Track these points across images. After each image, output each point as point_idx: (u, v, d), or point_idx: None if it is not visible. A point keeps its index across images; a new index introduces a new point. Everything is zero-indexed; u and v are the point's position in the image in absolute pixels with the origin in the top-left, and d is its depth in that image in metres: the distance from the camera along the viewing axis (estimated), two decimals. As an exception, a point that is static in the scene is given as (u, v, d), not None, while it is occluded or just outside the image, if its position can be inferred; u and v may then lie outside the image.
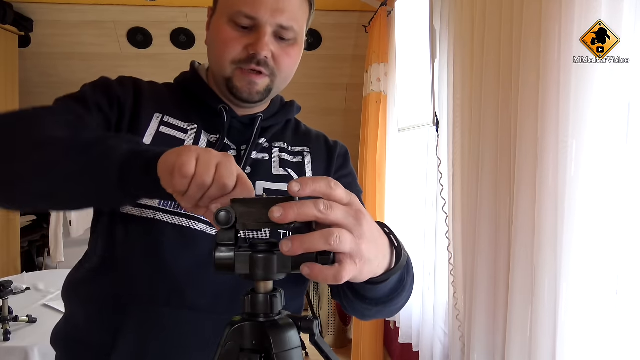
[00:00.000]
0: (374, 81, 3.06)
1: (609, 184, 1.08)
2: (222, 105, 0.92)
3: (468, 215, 1.69)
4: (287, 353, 0.49)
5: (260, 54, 0.84)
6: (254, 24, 0.84)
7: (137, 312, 0.80)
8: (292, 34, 0.87)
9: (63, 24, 3.58)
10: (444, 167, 2.00)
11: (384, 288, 0.69)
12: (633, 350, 1.06)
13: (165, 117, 0.89)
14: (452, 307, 1.87)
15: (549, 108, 1.19)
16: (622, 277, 1.09)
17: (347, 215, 0.50)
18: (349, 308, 0.85)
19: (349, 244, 0.49)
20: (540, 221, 1.21)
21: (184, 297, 0.80)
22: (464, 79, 1.76)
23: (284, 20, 0.85)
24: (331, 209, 0.49)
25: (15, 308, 2.05)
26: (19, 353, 1.85)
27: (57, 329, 0.91)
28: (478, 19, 1.62)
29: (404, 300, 0.77)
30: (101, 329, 0.82)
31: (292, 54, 0.90)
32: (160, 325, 0.80)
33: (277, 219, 0.47)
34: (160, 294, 0.80)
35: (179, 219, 0.83)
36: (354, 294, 0.75)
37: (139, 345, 0.80)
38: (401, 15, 2.61)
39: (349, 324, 3.96)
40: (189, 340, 0.81)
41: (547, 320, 1.20)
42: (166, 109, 0.91)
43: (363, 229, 0.51)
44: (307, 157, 1.00)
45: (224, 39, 0.86)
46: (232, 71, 0.87)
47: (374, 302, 0.74)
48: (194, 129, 0.91)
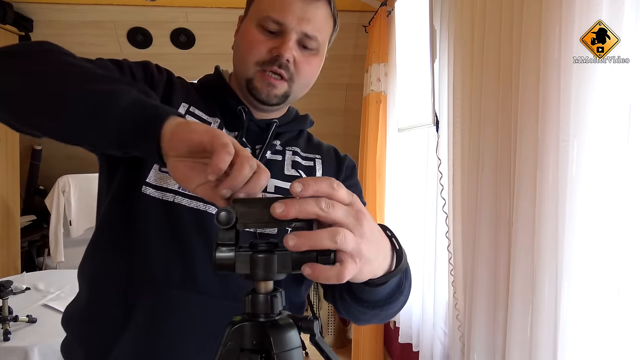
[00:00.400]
0: (374, 81, 3.06)
1: (610, 183, 1.07)
2: (242, 107, 0.96)
3: (468, 215, 1.69)
4: (288, 353, 0.49)
5: (283, 57, 0.89)
6: (281, 29, 0.90)
7: (150, 291, 0.82)
8: (315, 44, 0.93)
9: (63, 24, 3.57)
10: (444, 167, 2.00)
11: (382, 291, 0.69)
12: (635, 351, 1.06)
13: (191, 108, 0.93)
14: (452, 307, 1.87)
15: (549, 108, 1.19)
16: (624, 277, 1.08)
17: (348, 214, 0.51)
18: (343, 311, 0.86)
19: (351, 243, 0.49)
20: (541, 221, 1.21)
21: (196, 281, 0.83)
22: (464, 79, 1.76)
23: (309, 29, 0.90)
24: (333, 208, 0.49)
25: (15, 308, 2.05)
26: (19, 353, 1.85)
27: (69, 308, 0.93)
28: (478, 18, 1.62)
29: (400, 305, 0.78)
30: (114, 307, 0.83)
31: (313, 63, 0.95)
32: (170, 306, 0.82)
33: (279, 215, 0.47)
34: (173, 275, 0.82)
35: (197, 203, 0.86)
36: (351, 296, 0.76)
37: (149, 325, 0.81)
38: (401, 15, 2.61)
39: (349, 324, 3.96)
40: (197, 323, 0.83)
41: (548, 320, 1.20)
42: (192, 100, 0.95)
43: (364, 228, 0.51)
44: (319, 163, 1.04)
45: (250, 40, 0.91)
46: (254, 72, 0.91)
47: (370, 306, 0.75)
48: (216, 123, 0.94)
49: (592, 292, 1.11)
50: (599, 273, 1.09)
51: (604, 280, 1.09)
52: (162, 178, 0.85)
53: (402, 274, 0.70)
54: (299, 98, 0.99)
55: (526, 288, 1.29)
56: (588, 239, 1.11)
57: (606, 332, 1.09)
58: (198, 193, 0.57)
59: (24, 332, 1.98)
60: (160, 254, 0.83)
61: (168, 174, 0.81)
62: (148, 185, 0.84)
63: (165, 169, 0.78)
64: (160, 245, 0.84)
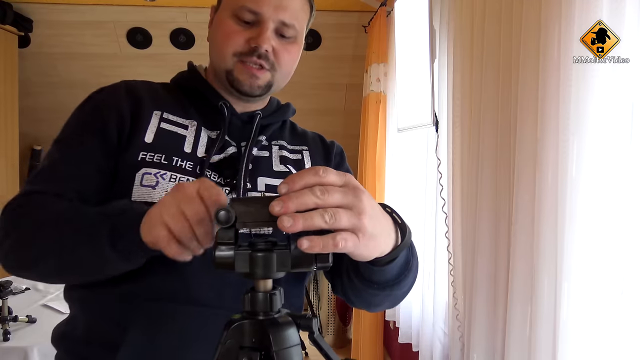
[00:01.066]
0: (374, 81, 3.06)
1: (611, 183, 1.07)
2: (223, 102, 0.94)
3: (468, 215, 1.69)
4: (287, 351, 0.49)
5: (262, 47, 0.87)
6: (257, 19, 0.88)
7: (144, 307, 0.81)
8: (293, 32, 0.91)
9: (63, 24, 3.57)
10: (444, 167, 2.00)
11: (392, 270, 0.69)
12: (636, 351, 1.06)
13: (164, 114, 0.91)
14: (452, 307, 1.87)
15: (549, 107, 1.19)
16: (627, 277, 1.08)
17: (346, 194, 0.51)
18: (354, 298, 0.86)
19: (347, 220, 0.50)
20: (540, 221, 1.21)
21: (190, 293, 0.82)
22: (463, 79, 1.76)
23: (286, 18, 0.88)
24: (328, 193, 0.50)
25: (15, 308, 2.05)
26: (19, 353, 1.85)
27: (59, 328, 0.91)
28: (478, 18, 1.62)
29: (410, 284, 0.78)
30: (108, 325, 0.82)
31: (292, 51, 0.93)
32: (166, 320, 0.81)
33: (278, 212, 0.48)
34: (166, 289, 0.81)
35: None
36: (360, 280, 0.76)
37: (146, 341, 0.80)
38: (401, 15, 2.61)
39: (348, 324, 3.96)
40: (195, 335, 0.82)
41: (547, 320, 1.20)
42: (164, 105, 0.92)
43: (363, 204, 0.52)
44: (306, 155, 1.02)
45: (226, 32, 0.89)
46: (233, 63, 0.90)
47: (381, 286, 0.74)
48: (194, 125, 0.92)
49: (592, 292, 1.10)
50: (600, 273, 1.09)
51: (605, 280, 1.09)
52: (145, 193, 0.82)
53: (408, 250, 0.71)
54: (282, 88, 0.98)
55: (526, 288, 1.29)
56: (588, 239, 1.11)
57: (606, 332, 1.09)
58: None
59: (24, 332, 1.98)
60: (150, 269, 0.81)
61: (152, 187, 0.81)
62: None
63: (146, 183, 0.81)
64: (151, 261, 0.81)
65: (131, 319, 0.80)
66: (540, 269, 1.22)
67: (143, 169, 0.83)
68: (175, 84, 1.01)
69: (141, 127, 0.87)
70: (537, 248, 1.23)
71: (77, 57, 3.79)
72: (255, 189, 0.91)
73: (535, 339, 1.23)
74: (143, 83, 0.97)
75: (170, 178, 0.83)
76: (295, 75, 0.98)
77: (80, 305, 0.87)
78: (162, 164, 0.84)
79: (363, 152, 3.24)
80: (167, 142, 0.87)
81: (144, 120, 0.88)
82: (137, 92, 0.92)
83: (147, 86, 0.96)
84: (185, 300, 0.81)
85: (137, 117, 0.89)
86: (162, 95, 0.95)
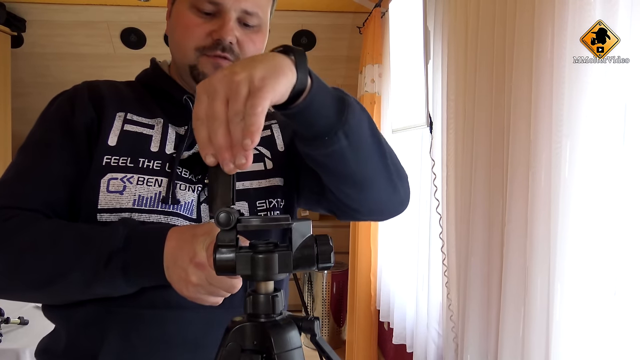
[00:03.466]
0: (368, 82, 3.06)
1: (604, 184, 1.08)
2: (187, 96, 0.90)
3: (461, 216, 1.70)
4: (288, 353, 0.49)
5: (225, 40, 0.83)
6: (218, 9, 0.84)
7: (121, 315, 0.79)
8: (257, 20, 0.87)
9: (56, 24, 3.55)
10: (438, 168, 2.00)
11: (317, 114, 0.68)
12: (632, 352, 1.06)
13: (128, 115, 0.87)
14: (446, 308, 1.88)
15: (542, 109, 1.20)
16: (620, 278, 1.08)
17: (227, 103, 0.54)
18: (340, 212, 0.89)
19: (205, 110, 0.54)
20: (533, 222, 1.22)
21: (168, 298, 0.79)
22: (457, 80, 1.76)
23: (248, 6, 0.84)
24: (212, 124, 0.53)
25: (7, 310, 2.03)
26: (11, 355, 1.83)
27: (43, 342, 0.90)
28: (472, 20, 1.63)
29: (382, 171, 0.81)
30: (87, 336, 0.80)
31: (257, 40, 0.89)
32: (145, 326, 0.79)
33: (212, 162, 0.52)
34: (143, 296, 0.79)
35: (157, 216, 0.82)
36: (328, 180, 0.79)
37: (125, 348, 0.79)
38: (395, 17, 2.62)
39: (342, 325, 3.96)
40: (175, 339, 0.80)
41: (540, 320, 1.20)
42: (128, 106, 0.89)
43: (235, 68, 0.56)
44: (276, 128, 0.99)
45: (186, 25, 0.85)
46: (196, 58, 0.86)
47: (343, 176, 0.77)
48: (160, 124, 0.88)
49: (585, 292, 1.11)
50: (592, 274, 1.10)
51: (598, 281, 1.09)
52: (113, 199, 0.79)
53: (341, 104, 0.70)
54: None
55: (519, 289, 1.30)
56: (581, 240, 1.12)
57: (599, 332, 1.10)
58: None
59: (16, 334, 1.96)
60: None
61: (119, 193, 0.79)
62: (101, 211, 0.79)
63: (113, 189, 0.80)
64: None
65: (109, 327, 0.79)
66: (533, 269, 1.22)
67: (108, 174, 0.80)
68: (139, 82, 0.97)
69: (104, 130, 0.84)
70: (530, 249, 1.24)
71: (71, 57, 3.77)
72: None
73: (528, 340, 1.24)
74: (106, 83, 0.93)
75: (138, 180, 0.81)
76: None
77: (60, 320, 0.85)
78: (128, 166, 0.81)
79: (357, 153, 3.23)
80: (132, 143, 0.84)
81: (107, 123, 0.85)
82: (99, 93, 0.89)
83: (110, 86, 0.92)
84: (164, 305, 0.79)
85: (100, 122, 0.85)
86: (126, 95, 0.91)
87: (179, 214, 0.83)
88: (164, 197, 0.82)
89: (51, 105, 0.90)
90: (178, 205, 0.82)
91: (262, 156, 0.93)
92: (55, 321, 0.86)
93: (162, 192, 0.82)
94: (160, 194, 0.82)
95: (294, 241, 0.50)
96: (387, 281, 2.91)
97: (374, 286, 3.08)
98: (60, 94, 0.92)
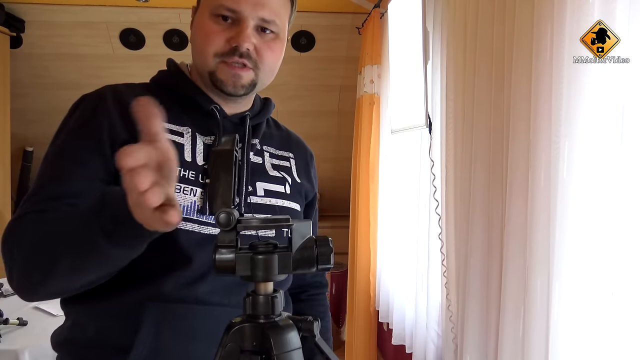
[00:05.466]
0: (367, 83, 3.07)
1: (602, 184, 1.08)
2: (214, 105, 0.92)
3: (461, 217, 1.70)
4: (288, 354, 0.49)
5: (243, 46, 0.86)
6: (236, 17, 0.86)
7: (154, 309, 0.81)
8: (275, 28, 0.90)
9: (55, 24, 3.55)
10: (437, 169, 2.00)
11: None
12: (630, 352, 1.06)
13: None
14: (445, 309, 1.87)
15: (541, 109, 1.20)
16: (618, 278, 1.08)
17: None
18: None
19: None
20: (533, 222, 1.22)
21: (197, 294, 0.83)
22: (456, 81, 1.76)
23: (266, 14, 0.87)
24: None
25: (6, 311, 2.02)
26: (10, 356, 1.83)
27: (62, 334, 0.89)
28: (471, 20, 1.63)
29: None
30: (119, 329, 0.82)
31: (275, 48, 0.91)
32: (176, 319, 0.82)
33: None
34: (174, 291, 0.82)
35: (192, 225, 0.85)
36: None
37: (156, 341, 0.81)
38: (394, 17, 2.62)
39: (342, 326, 3.95)
40: (203, 333, 0.83)
41: (540, 321, 1.20)
42: None
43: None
44: (292, 163, 1.05)
45: (206, 32, 0.88)
46: (215, 64, 0.88)
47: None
48: (188, 133, 0.90)
49: (584, 292, 1.11)
50: (591, 274, 1.10)
51: (597, 282, 1.09)
52: None
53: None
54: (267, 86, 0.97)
55: (518, 289, 1.30)
56: (579, 240, 1.12)
57: (598, 332, 1.10)
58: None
59: (15, 335, 1.96)
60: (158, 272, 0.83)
61: None
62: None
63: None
64: (158, 264, 0.83)
65: (141, 321, 0.81)
66: (532, 270, 1.22)
67: None
68: (158, 85, 0.97)
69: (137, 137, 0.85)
70: (529, 249, 1.23)
71: (70, 57, 3.76)
72: (255, 194, 0.92)
73: (528, 340, 1.24)
74: (126, 87, 0.93)
75: (175, 189, 0.82)
76: (289, 76, 0.99)
77: (86, 312, 0.86)
78: None
79: (357, 154, 3.24)
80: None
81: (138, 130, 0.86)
82: (124, 99, 0.88)
83: (132, 91, 0.92)
84: (194, 300, 0.83)
85: (130, 125, 0.85)
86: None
87: (209, 223, 0.86)
88: (201, 208, 0.85)
89: (75, 110, 0.89)
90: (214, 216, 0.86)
91: (284, 180, 0.99)
92: (81, 313, 0.87)
93: (198, 202, 0.85)
94: (196, 203, 0.85)
95: (294, 242, 0.50)
96: (387, 282, 2.91)
97: (374, 287, 3.08)
98: (82, 97, 0.91)
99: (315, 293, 1.15)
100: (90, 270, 0.72)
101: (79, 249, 0.69)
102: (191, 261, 0.83)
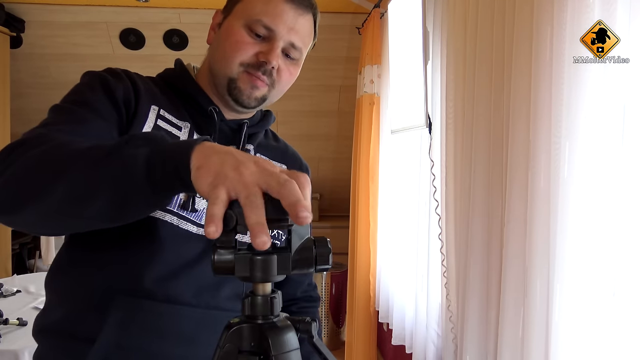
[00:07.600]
0: (367, 83, 3.07)
1: (603, 185, 1.08)
2: (213, 107, 0.94)
3: (461, 217, 1.70)
4: (286, 355, 0.49)
5: (270, 63, 0.89)
6: (270, 35, 0.90)
7: (123, 303, 0.81)
8: (298, 54, 0.95)
9: (55, 24, 3.55)
10: (437, 169, 2.00)
11: None
12: (631, 352, 1.06)
13: (161, 111, 0.90)
14: (445, 309, 1.87)
15: (541, 109, 1.20)
16: (620, 278, 1.08)
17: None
18: None
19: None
20: (533, 223, 1.22)
21: (167, 291, 0.83)
22: (456, 81, 1.76)
23: (296, 40, 0.92)
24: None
25: (6, 311, 2.03)
26: (9, 356, 1.83)
27: (40, 320, 0.89)
28: (471, 20, 1.63)
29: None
30: (86, 318, 0.82)
31: (293, 72, 0.97)
32: (143, 316, 0.81)
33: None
34: (145, 286, 0.81)
35: (171, 217, 0.85)
36: None
37: (122, 336, 0.80)
38: (394, 17, 2.62)
39: (342, 326, 3.96)
40: (170, 333, 0.83)
41: (539, 322, 1.20)
42: (160, 102, 0.91)
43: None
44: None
45: (236, 40, 0.90)
46: (238, 73, 0.91)
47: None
48: (187, 127, 0.92)
49: (584, 293, 1.11)
50: (591, 275, 1.10)
51: (597, 282, 1.09)
52: None
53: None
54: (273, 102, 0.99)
55: (518, 289, 1.30)
56: (580, 241, 1.12)
57: (598, 333, 1.10)
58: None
59: (15, 335, 1.96)
60: (132, 265, 0.82)
61: None
62: None
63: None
64: (133, 256, 0.83)
65: (110, 313, 0.80)
66: (532, 270, 1.22)
67: None
68: (163, 81, 0.99)
69: (140, 120, 0.86)
70: (529, 250, 1.23)
71: (70, 58, 3.77)
72: None
73: (527, 341, 1.24)
74: (137, 75, 0.95)
75: None
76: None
77: (61, 294, 0.87)
78: None
79: (357, 154, 3.24)
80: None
81: (142, 113, 0.87)
82: (137, 84, 0.90)
83: (142, 79, 0.94)
84: (164, 298, 0.82)
85: (137, 106, 0.87)
86: (157, 91, 0.94)
87: (193, 221, 0.87)
88: (184, 203, 0.86)
89: (89, 74, 0.90)
90: (195, 213, 0.87)
91: None
92: (57, 294, 0.87)
93: (182, 196, 0.86)
94: (181, 198, 0.86)
95: (292, 243, 0.50)
96: (387, 282, 2.91)
97: (373, 287, 3.08)
98: (89, 71, 0.92)
99: (306, 306, 1.14)
100: (92, 203, 0.61)
101: (102, 176, 0.60)
102: (164, 253, 0.83)
